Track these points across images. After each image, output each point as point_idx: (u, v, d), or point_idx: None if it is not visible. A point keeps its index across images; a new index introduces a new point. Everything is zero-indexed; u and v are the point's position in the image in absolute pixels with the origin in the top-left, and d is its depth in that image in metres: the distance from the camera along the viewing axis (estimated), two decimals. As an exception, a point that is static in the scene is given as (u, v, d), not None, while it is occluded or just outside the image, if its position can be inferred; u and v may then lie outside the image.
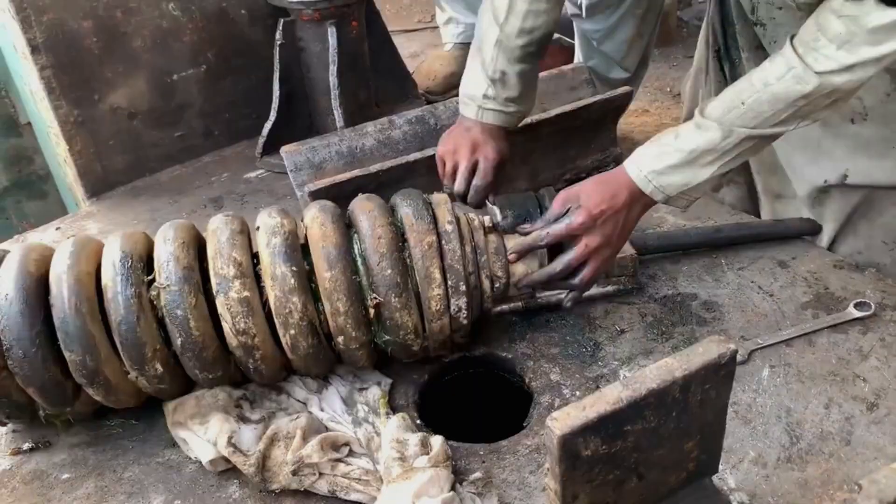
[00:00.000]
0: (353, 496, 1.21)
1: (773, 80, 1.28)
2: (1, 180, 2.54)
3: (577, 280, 1.39)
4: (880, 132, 1.58)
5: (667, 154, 1.35)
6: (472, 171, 1.55)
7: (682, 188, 1.36)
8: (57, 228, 1.95)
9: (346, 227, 1.32)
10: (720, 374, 0.97)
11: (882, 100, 1.54)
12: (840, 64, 1.22)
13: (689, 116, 2.06)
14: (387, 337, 1.31)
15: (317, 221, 1.29)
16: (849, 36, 1.19)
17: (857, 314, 1.45)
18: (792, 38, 1.29)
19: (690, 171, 1.35)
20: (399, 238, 1.30)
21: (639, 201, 1.39)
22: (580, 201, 1.37)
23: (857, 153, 1.62)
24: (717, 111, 1.33)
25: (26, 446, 1.35)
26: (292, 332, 1.26)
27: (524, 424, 1.34)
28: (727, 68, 1.88)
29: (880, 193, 1.65)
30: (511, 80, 1.55)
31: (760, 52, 1.71)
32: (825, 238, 1.74)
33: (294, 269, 1.24)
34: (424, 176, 1.74)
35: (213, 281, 1.24)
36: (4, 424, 1.38)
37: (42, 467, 1.32)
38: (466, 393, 1.49)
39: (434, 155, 1.75)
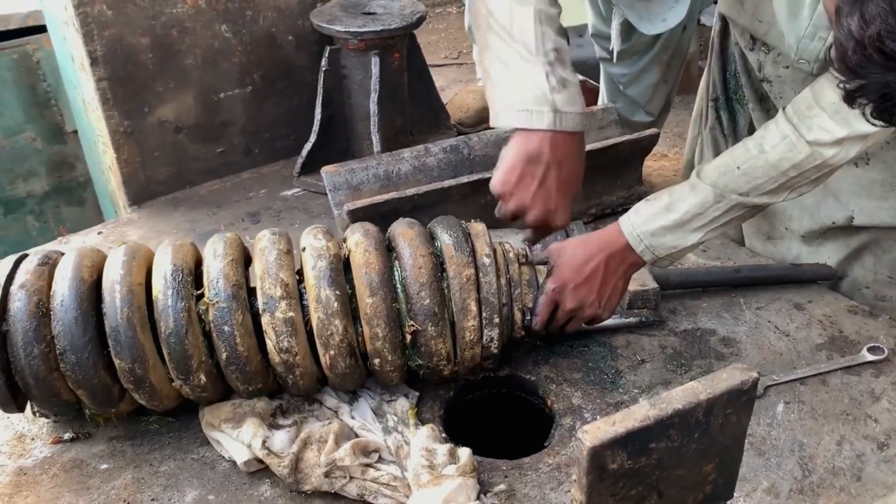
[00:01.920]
0: (381, 501, 1.25)
1: (768, 147, 1.35)
2: (43, 185, 2.63)
3: (568, 329, 1.50)
4: (882, 175, 1.63)
5: (660, 215, 1.42)
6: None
7: (670, 250, 1.43)
8: (99, 233, 2.03)
9: (387, 249, 1.38)
10: (742, 399, 1.02)
11: (883, 146, 1.60)
12: (831, 135, 1.28)
13: (689, 159, 2.13)
14: (420, 361, 1.37)
15: (360, 247, 1.34)
16: (840, 105, 1.21)
17: (871, 358, 1.50)
18: (784, 107, 1.35)
19: (681, 233, 1.41)
20: (438, 268, 1.35)
21: (623, 260, 1.45)
22: (557, 261, 1.45)
23: (861, 195, 1.67)
24: (713, 174, 1.40)
25: (67, 436, 1.41)
26: (332, 352, 1.31)
27: (545, 444, 1.39)
28: (725, 118, 1.94)
29: (886, 232, 1.70)
30: (566, 58, 1.27)
31: (767, 104, 1.77)
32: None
33: (338, 292, 1.29)
34: (457, 202, 1.81)
35: (260, 300, 1.29)
36: (47, 416, 1.43)
37: (81, 457, 1.37)
38: (489, 410, 1.54)
39: (467, 183, 1.83)
